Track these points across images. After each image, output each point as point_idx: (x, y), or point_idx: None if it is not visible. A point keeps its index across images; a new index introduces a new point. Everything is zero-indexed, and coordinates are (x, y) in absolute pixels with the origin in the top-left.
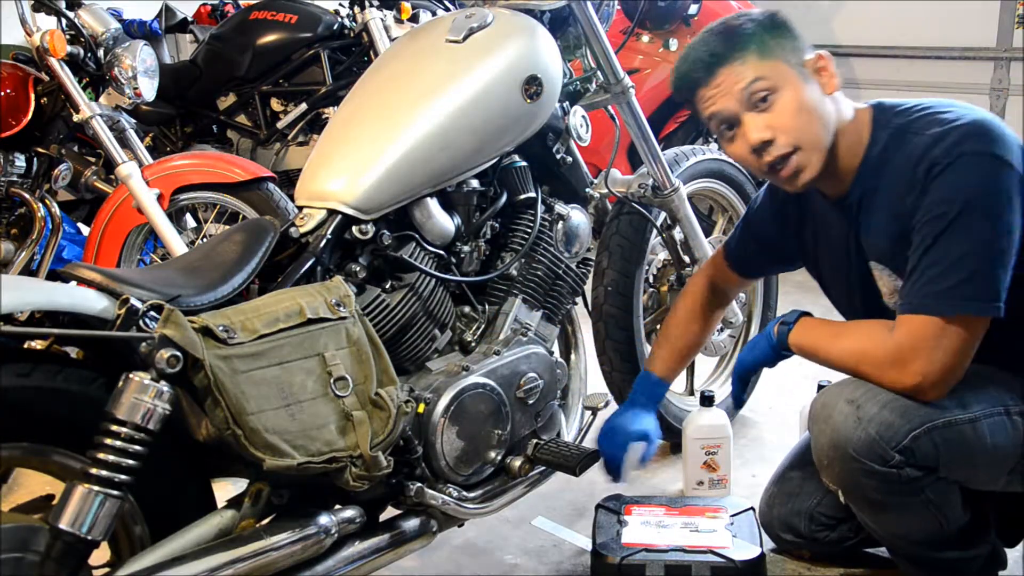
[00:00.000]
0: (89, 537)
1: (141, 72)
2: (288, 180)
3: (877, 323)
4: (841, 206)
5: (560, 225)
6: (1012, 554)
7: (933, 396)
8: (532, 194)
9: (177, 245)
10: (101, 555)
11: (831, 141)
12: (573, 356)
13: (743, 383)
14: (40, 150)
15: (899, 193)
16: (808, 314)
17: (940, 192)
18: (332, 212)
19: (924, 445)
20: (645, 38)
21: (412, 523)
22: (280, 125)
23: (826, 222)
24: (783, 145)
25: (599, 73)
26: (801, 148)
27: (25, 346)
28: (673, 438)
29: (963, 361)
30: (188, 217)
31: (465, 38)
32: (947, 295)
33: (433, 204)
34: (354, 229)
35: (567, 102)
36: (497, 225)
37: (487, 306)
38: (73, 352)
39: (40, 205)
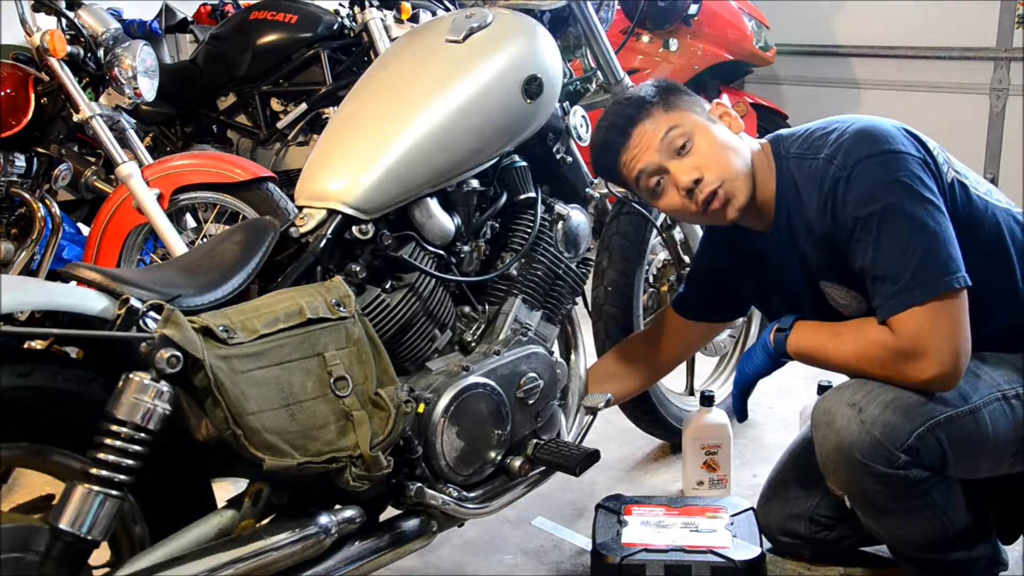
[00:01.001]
0: (89, 537)
1: (141, 72)
2: (288, 180)
3: (872, 321)
4: (773, 239)
5: (560, 225)
6: (1012, 554)
7: (955, 381)
8: (532, 194)
9: (177, 245)
10: (101, 555)
11: (751, 170)
12: (573, 356)
13: (744, 396)
14: (40, 150)
15: (816, 215)
16: (802, 318)
17: (855, 204)
18: (332, 212)
19: (929, 443)
20: (645, 38)
21: (412, 523)
22: (280, 125)
23: (766, 258)
24: (712, 181)
25: (599, 73)
26: (726, 179)
27: (25, 346)
28: (673, 438)
29: (965, 338)
30: (188, 217)
31: (465, 38)
32: (913, 284)
33: (433, 204)
34: (354, 229)
35: (567, 102)
36: (497, 225)
37: (487, 306)
38: (73, 352)
39: (40, 205)
